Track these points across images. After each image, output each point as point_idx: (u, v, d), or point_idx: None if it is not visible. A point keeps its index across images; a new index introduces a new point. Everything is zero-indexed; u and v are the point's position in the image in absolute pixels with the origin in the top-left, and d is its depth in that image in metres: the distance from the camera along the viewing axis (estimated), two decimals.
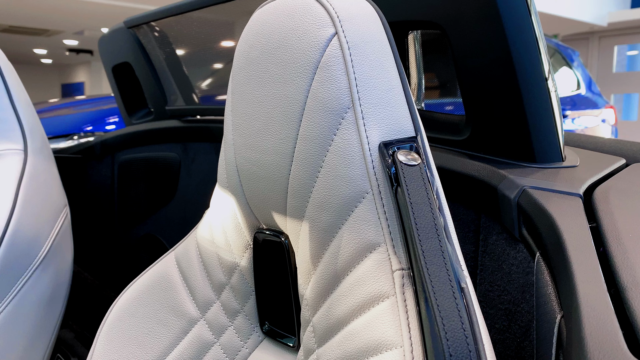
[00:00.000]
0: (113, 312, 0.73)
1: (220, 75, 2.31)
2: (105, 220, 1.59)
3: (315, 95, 0.51)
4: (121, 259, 1.56)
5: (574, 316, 0.42)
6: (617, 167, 0.68)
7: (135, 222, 1.49)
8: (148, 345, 0.69)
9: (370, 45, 0.52)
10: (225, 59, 1.72)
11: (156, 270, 0.73)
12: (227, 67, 2.64)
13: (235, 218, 0.64)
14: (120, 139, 1.48)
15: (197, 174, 1.28)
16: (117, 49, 1.42)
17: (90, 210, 1.63)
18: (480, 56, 0.67)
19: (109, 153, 1.54)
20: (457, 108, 0.82)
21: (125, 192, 1.51)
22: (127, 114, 1.54)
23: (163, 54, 1.34)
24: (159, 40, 1.31)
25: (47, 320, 1.11)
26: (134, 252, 1.51)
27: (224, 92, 2.53)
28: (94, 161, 1.59)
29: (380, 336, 0.46)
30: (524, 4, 0.64)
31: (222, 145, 0.66)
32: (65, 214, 1.22)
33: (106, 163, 1.56)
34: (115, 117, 2.73)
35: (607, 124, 4.41)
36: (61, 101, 3.24)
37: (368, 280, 0.49)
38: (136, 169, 1.46)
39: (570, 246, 0.49)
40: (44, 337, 1.11)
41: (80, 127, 2.62)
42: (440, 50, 0.84)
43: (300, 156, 0.53)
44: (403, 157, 0.49)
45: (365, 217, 0.50)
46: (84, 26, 9.80)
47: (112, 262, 1.59)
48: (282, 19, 0.54)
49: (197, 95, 1.44)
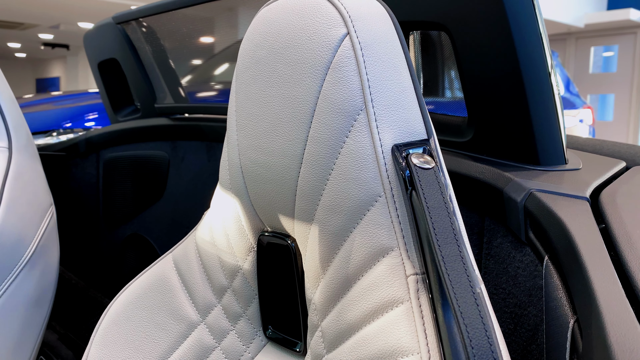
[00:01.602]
0: (108, 316, 0.72)
1: (211, 73, 2.29)
2: (90, 220, 1.56)
3: (327, 96, 0.50)
4: (106, 259, 1.53)
5: (594, 322, 0.42)
6: (618, 170, 0.68)
7: (121, 221, 1.46)
8: (146, 350, 0.68)
9: (382, 46, 0.51)
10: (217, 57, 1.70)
11: (153, 272, 0.72)
12: (217, 65, 2.62)
13: (239, 220, 0.62)
14: (106, 136, 1.45)
15: (187, 173, 1.26)
16: (104, 45, 1.40)
17: (74, 209, 1.60)
18: (485, 57, 0.67)
19: (94, 151, 1.51)
20: (456, 109, 0.82)
21: (110, 191, 1.48)
22: (113, 111, 1.51)
23: (152, 50, 1.32)
24: (148, 36, 1.29)
25: (32, 322, 1.08)
26: (119, 252, 1.48)
27: (215, 89, 2.50)
28: (78, 159, 1.56)
29: (396, 342, 0.45)
30: (530, 4, 0.63)
31: (224, 146, 0.65)
32: (51, 214, 1.19)
33: (91, 161, 1.53)
34: (94, 113, 2.69)
35: (584, 124, 4.47)
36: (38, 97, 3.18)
37: (381, 285, 0.48)
38: (122, 167, 1.43)
39: (583, 250, 0.49)
40: (29, 339, 1.08)
41: (59, 124, 2.58)
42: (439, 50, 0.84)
43: (310, 158, 0.52)
44: (416, 160, 0.48)
45: (378, 221, 0.49)
46: (60, 20, 9.63)
47: (97, 262, 1.56)
48: (290, 17, 0.53)
49: (186, 93, 1.42)
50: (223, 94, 2.46)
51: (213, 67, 2.56)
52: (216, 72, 2.57)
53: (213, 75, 2.57)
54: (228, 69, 2.54)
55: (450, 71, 0.87)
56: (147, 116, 1.40)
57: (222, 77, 2.61)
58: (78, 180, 1.57)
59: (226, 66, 2.56)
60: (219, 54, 2.32)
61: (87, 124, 2.64)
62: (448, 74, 0.85)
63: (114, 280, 1.51)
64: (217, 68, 2.58)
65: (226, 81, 2.68)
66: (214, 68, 2.57)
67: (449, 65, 0.89)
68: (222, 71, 2.59)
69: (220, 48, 1.98)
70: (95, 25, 1.40)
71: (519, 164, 0.68)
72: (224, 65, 2.57)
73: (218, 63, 2.56)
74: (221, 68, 2.59)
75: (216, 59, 2.52)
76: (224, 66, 2.57)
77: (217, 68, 2.58)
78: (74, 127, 2.61)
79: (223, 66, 2.58)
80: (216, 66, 2.57)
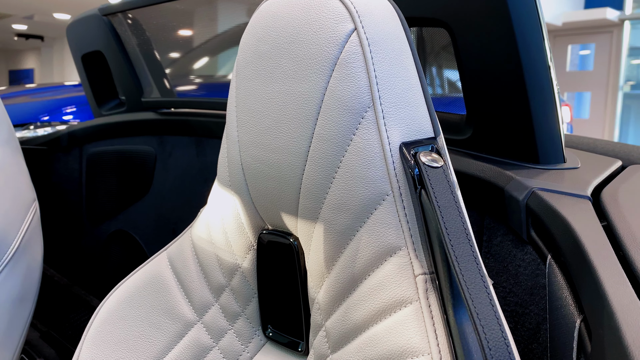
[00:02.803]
0: (100, 315, 0.70)
1: (201, 66, 2.27)
2: (72, 215, 1.53)
3: (334, 93, 0.49)
4: (90, 256, 1.50)
5: (607, 322, 0.41)
6: (615, 169, 0.68)
7: (105, 217, 1.44)
8: (140, 349, 0.66)
9: (390, 43, 0.50)
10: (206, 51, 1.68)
11: (147, 270, 0.70)
12: (207, 59, 2.58)
13: (238, 218, 0.61)
14: (90, 130, 1.42)
15: (175, 168, 1.24)
16: (89, 37, 1.36)
17: (56, 205, 1.57)
18: (487, 55, 0.66)
19: (77, 145, 1.48)
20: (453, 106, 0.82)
21: (94, 186, 1.45)
22: (97, 105, 1.48)
23: (140, 44, 1.29)
24: (136, 29, 1.26)
25: (16, 320, 1.06)
26: (104, 249, 1.46)
27: (204, 84, 2.47)
28: (60, 153, 1.53)
29: (406, 343, 0.45)
30: (532, 1, 0.63)
31: (223, 142, 0.64)
32: (34, 209, 1.16)
33: (74, 155, 1.49)
34: (72, 106, 2.64)
35: (563, 122, 4.53)
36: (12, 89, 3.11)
37: (389, 284, 0.48)
38: (107, 162, 1.41)
39: (590, 250, 0.49)
40: (12, 337, 1.06)
41: (36, 117, 2.53)
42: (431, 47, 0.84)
43: (316, 156, 0.51)
44: (425, 158, 0.48)
45: (385, 220, 0.49)
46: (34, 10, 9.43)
47: (80, 259, 1.53)
48: (295, 12, 0.52)
49: (173, 87, 1.40)
50: (213, 88, 2.42)
51: (202, 60, 2.54)
52: (206, 65, 2.54)
53: (202, 69, 2.54)
54: (218, 63, 2.51)
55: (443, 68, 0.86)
56: (132, 110, 1.38)
57: (211, 71, 2.58)
58: (60, 175, 1.54)
59: (216, 60, 2.53)
60: (209, 47, 2.30)
61: (65, 117, 2.60)
62: (439, 71, 0.84)
63: (98, 276, 1.49)
64: (207, 62, 2.56)
65: (216, 75, 2.64)
66: (203, 62, 2.54)
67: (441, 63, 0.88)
68: (212, 65, 2.56)
69: (210, 41, 1.96)
70: (80, 17, 1.37)
71: (518, 162, 0.68)
72: (213, 58, 2.54)
73: (207, 57, 2.53)
74: (211, 62, 2.56)
75: (206, 53, 2.49)
76: (213, 60, 2.55)
77: (206, 62, 2.56)
78: (51, 121, 2.56)
79: (213, 60, 2.55)
80: (206, 60, 2.55)
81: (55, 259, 1.59)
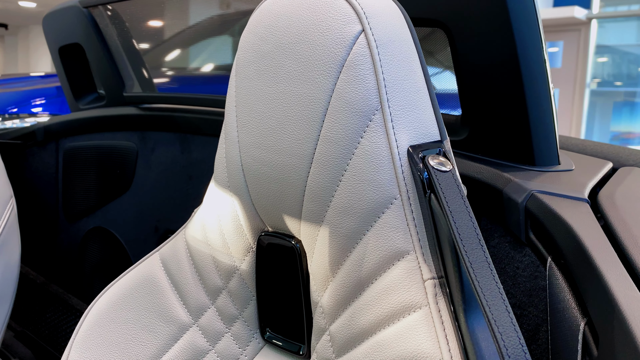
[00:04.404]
0: (89, 317, 0.68)
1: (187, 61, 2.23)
2: (48, 211, 1.49)
3: (341, 95, 0.49)
4: (67, 253, 1.46)
5: (617, 327, 0.42)
6: (608, 171, 0.69)
7: (82, 214, 1.40)
8: (132, 352, 0.65)
9: (397, 45, 0.50)
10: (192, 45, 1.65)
11: (138, 272, 0.69)
12: (194, 53, 2.54)
13: (237, 219, 0.60)
14: (67, 124, 1.39)
15: (157, 165, 1.22)
16: (67, 29, 1.33)
17: (30, 201, 1.52)
18: (485, 55, 0.67)
19: (53, 139, 1.44)
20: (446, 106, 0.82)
21: (71, 182, 1.42)
22: (74, 99, 1.44)
23: (122, 37, 1.26)
24: (117, 22, 1.23)
25: None
26: (82, 246, 1.43)
27: (191, 79, 2.42)
28: (35, 148, 1.49)
29: (416, 348, 0.45)
30: (531, 3, 0.63)
31: (220, 142, 0.62)
32: (11, 206, 1.13)
33: (49, 150, 1.45)
34: (42, 98, 2.58)
35: None
36: None
37: (397, 289, 0.47)
38: (85, 158, 1.37)
39: (594, 253, 0.49)
40: None
41: (3, 108, 2.46)
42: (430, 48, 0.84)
43: (322, 158, 0.50)
44: (433, 162, 0.48)
45: (393, 224, 0.48)
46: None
47: (57, 256, 1.49)
48: (300, 12, 0.51)
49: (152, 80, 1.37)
50: (200, 83, 2.38)
51: (188, 55, 2.50)
52: (193, 60, 2.50)
53: (189, 64, 2.50)
54: (206, 58, 2.47)
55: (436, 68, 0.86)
56: (113, 105, 1.34)
57: (198, 66, 2.54)
58: (35, 170, 1.50)
59: (204, 55, 2.50)
60: (195, 41, 2.27)
61: (34, 110, 2.53)
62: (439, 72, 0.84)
63: (76, 274, 1.45)
64: (194, 56, 2.52)
65: (204, 70, 2.60)
66: (189, 56, 2.51)
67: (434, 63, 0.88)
68: (198, 60, 2.53)
69: (197, 36, 1.93)
70: (58, 8, 1.33)
71: (514, 164, 0.69)
72: (201, 53, 2.50)
73: (194, 51, 2.50)
74: (198, 56, 2.53)
75: (192, 47, 2.45)
76: (201, 55, 2.51)
77: (193, 56, 2.52)
78: (19, 112, 2.49)
79: (200, 55, 2.51)
80: (192, 54, 2.51)
81: (31, 257, 1.55)
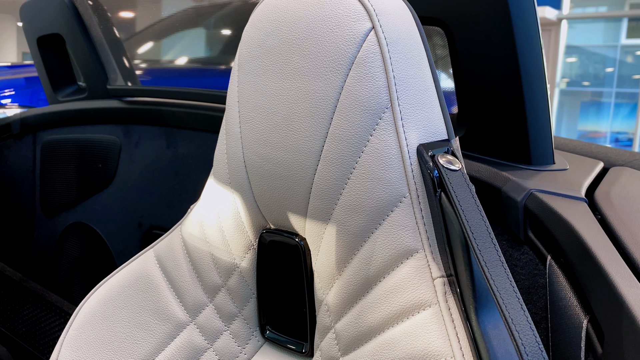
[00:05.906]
0: (81, 315, 0.67)
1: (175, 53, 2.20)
2: (25, 206, 1.45)
3: (350, 92, 0.48)
4: (45, 249, 1.43)
5: (626, 325, 0.43)
6: (600, 171, 0.71)
7: (61, 208, 1.37)
8: (126, 351, 0.64)
9: (406, 43, 0.50)
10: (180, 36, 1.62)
11: (132, 269, 0.67)
12: (182, 45, 2.50)
13: (237, 216, 0.59)
14: (46, 117, 1.35)
15: (142, 159, 1.20)
16: (47, 18, 1.29)
17: (6, 195, 1.48)
18: (484, 55, 0.67)
19: (30, 132, 1.40)
20: None
21: (49, 176, 1.38)
22: (53, 91, 1.41)
23: (105, 27, 1.23)
24: (100, 11, 1.20)
25: None
26: (60, 241, 1.39)
27: (179, 72, 2.39)
28: (11, 140, 1.45)
29: (426, 346, 0.45)
30: (532, 2, 0.64)
31: (220, 138, 0.62)
32: None
33: (26, 143, 1.42)
34: (10, 89, 2.52)
35: None
36: None
37: (406, 287, 0.47)
38: (65, 151, 1.34)
39: (597, 251, 0.50)
40: None
41: None
42: None
43: (330, 156, 0.50)
44: (442, 160, 0.48)
45: (402, 222, 0.48)
46: None
47: (34, 252, 1.46)
48: (309, 7, 0.51)
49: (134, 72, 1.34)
50: (187, 76, 2.35)
51: (177, 47, 2.46)
52: (181, 52, 2.47)
53: (177, 57, 2.46)
54: (195, 50, 2.44)
55: None
56: (95, 97, 1.32)
57: (188, 58, 2.51)
58: (11, 164, 1.46)
59: (193, 47, 2.47)
60: (184, 32, 2.24)
61: (3, 101, 2.47)
62: None
63: (55, 270, 1.42)
64: (182, 48, 2.49)
65: (193, 63, 2.57)
66: (178, 48, 2.47)
67: None
68: (188, 52, 2.49)
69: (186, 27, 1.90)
70: None
71: (510, 162, 0.69)
72: (189, 46, 2.47)
73: (183, 43, 2.47)
74: (187, 49, 2.49)
75: (177, 39, 2.42)
76: (189, 47, 2.48)
77: (182, 48, 2.49)
78: None
79: (189, 47, 2.48)
80: (181, 46, 2.48)
81: (7, 253, 1.51)
